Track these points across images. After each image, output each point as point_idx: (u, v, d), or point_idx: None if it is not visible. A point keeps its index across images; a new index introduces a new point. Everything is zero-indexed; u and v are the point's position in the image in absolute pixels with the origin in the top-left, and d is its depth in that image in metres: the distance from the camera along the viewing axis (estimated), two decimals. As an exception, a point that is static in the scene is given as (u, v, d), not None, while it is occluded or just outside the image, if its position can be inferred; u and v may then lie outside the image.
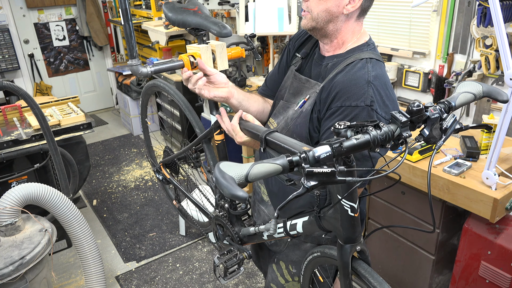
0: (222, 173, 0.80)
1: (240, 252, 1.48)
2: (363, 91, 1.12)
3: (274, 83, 1.51)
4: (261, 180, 1.33)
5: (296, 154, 0.83)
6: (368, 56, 1.20)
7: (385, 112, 1.13)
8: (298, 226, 1.23)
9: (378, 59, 1.22)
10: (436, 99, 2.35)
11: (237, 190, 0.77)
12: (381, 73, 1.19)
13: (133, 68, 1.42)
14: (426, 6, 2.29)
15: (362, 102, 1.11)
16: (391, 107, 1.15)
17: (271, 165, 0.81)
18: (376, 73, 1.17)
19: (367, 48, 1.25)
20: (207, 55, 1.45)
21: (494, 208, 1.60)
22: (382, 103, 1.13)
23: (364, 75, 1.15)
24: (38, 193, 1.81)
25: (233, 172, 0.81)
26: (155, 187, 3.69)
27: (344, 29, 1.24)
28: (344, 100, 1.14)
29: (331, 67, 1.24)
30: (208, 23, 1.43)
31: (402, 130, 0.88)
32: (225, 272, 1.40)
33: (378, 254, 2.31)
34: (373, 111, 1.11)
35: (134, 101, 4.79)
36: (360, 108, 1.11)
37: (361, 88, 1.13)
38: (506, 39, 1.44)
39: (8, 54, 4.69)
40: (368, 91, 1.13)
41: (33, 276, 1.69)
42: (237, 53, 1.68)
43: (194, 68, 1.44)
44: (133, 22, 2.28)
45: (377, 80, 1.15)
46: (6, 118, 2.72)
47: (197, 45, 1.47)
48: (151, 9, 4.33)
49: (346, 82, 1.16)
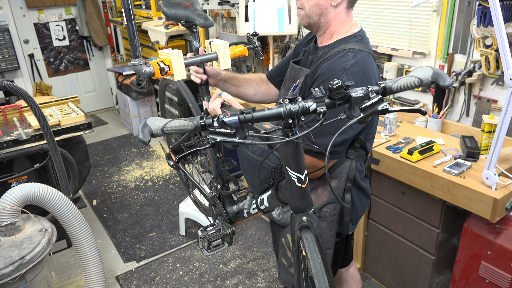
0: (144, 125, 0.95)
1: (224, 228, 1.53)
2: (337, 77, 1.22)
3: (278, 69, 1.68)
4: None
5: (209, 118, 0.96)
6: (352, 47, 1.29)
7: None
8: (265, 200, 1.34)
9: (362, 49, 1.29)
10: (436, 99, 2.35)
11: (143, 136, 0.94)
12: (362, 61, 1.26)
13: (136, 68, 1.42)
14: (426, 6, 2.29)
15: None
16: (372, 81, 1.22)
17: (186, 122, 0.94)
18: (356, 61, 1.25)
19: (354, 39, 1.33)
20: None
21: (494, 208, 1.60)
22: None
23: (342, 63, 1.25)
24: (38, 193, 1.81)
25: (153, 125, 0.94)
26: (155, 187, 3.69)
27: (334, 20, 1.35)
28: (319, 84, 1.26)
29: (320, 57, 1.34)
30: (194, 15, 1.54)
31: (318, 105, 0.95)
32: (209, 245, 1.46)
33: (378, 254, 2.31)
34: None
35: (134, 101, 4.79)
36: None
37: (336, 74, 1.23)
38: (506, 39, 1.44)
39: (8, 54, 4.69)
40: (342, 78, 1.22)
41: (33, 276, 1.69)
42: (240, 51, 1.69)
43: (165, 74, 1.47)
44: (133, 22, 2.31)
45: (354, 68, 1.24)
46: (6, 118, 2.72)
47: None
48: (151, 9, 4.33)
49: (325, 68, 1.27)
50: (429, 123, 2.27)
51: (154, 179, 3.83)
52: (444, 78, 0.99)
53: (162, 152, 4.44)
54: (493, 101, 2.13)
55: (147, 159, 4.26)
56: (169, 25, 3.80)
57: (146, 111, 4.92)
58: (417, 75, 0.99)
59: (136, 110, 4.85)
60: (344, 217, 1.44)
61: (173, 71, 1.51)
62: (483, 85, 2.16)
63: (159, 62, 1.47)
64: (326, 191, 1.43)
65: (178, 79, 1.53)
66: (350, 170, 1.39)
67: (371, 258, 2.38)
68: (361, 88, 0.96)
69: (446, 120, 2.27)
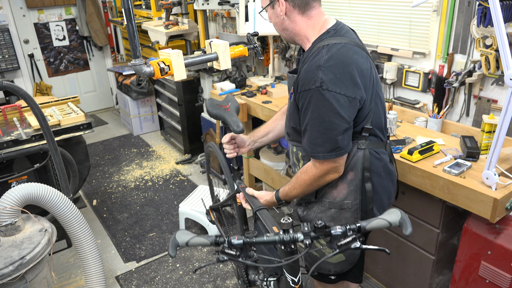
0: (173, 238, 1.17)
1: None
2: (313, 75, 1.29)
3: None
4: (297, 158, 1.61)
5: (222, 237, 1.18)
6: (327, 43, 1.34)
7: (340, 87, 1.28)
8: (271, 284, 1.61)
9: (338, 42, 1.34)
10: (436, 99, 2.35)
11: (170, 250, 1.16)
12: (338, 53, 1.30)
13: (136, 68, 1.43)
14: (426, 6, 2.29)
15: (312, 85, 1.29)
16: (349, 82, 1.29)
17: (204, 240, 1.17)
18: (330, 55, 1.30)
19: (327, 35, 1.38)
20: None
21: (494, 208, 1.60)
22: (336, 81, 1.28)
23: (317, 61, 1.30)
24: (38, 193, 1.81)
25: (180, 239, 1.16)
26: (155, 187, 3.69)
27: (298, 28, 1.43)
28: (301, 86, 1.34)
29: (304, 61, 1.41)
30: (229, 120, 1.78)
31: (305, 238, 1.17)
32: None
33: (378, 254, 2.31)
34: (324, 90, 1.28)
35: (134, 101, 4.79)
36: (312, 90, 1.30)
37: (312, 73, 1.30)
38: (506, 39, 1.44)
39: (8, 54, 4.69)
40: (318, 75, 1.28)
41: (33, 276, 1.69)
42: (240, 51, 1.69)
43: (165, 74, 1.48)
44: (133, 22, 2.32)
45: (329, 62, 1.29)
46: (6, 118, 2.72)
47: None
48: (151, 9, 4.33)
49: (303, 71, 1.34)
50: (429, 123, 2.27)
51: (154, 179, 3.83)
52: (407, 227, 1.14)
53: (162, 152, 4.44)
54: (493, 101, 2.13)
55: (147, 159, 4.26)
56: (169, 25, 3.80)
57: (146, 111, 4.92)
58: (388, 218, 1.19)
59: (136, 110, 4.85)
60: (367, 206, 1.48)
61: (173, 71, 1.51)
62: (483, 85, 2.16)
63: (159, 62, 1.47)
64: (345, 184, 1.47)
65: (178, 79, 1.53)
66: (364, 160, 1.42)
67: (371, 258, 2.38)
68: (340, 227, 1.15)
69: (446, 120, 2.27)
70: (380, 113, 1.46)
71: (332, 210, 1.50)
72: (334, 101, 1.28)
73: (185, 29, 3.77)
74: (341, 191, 1.48)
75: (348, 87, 1.28)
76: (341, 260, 1.56)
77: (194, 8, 3.59)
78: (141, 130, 4.98)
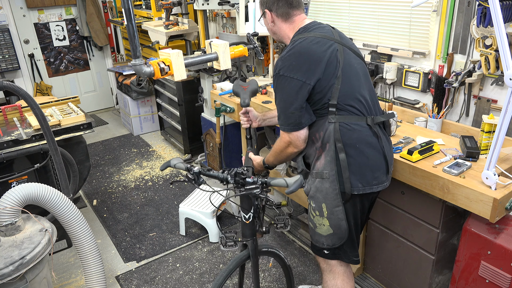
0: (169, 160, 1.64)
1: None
2: (277, 64, 1.66)
3: None
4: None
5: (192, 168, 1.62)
6: (293, 40, 1.68)
7: (295, 72, 1.60)
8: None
9: (303, 37, 1.66)
10: (436, 99, 2.35)
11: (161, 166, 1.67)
12: (298, 46, 1.63)
13: (136, 68, 1.43)
14: (426, 6, 2.30)
15: (275, 72, 1.66)
16: (302, 68, 1.60)
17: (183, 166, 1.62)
18: (291, 47, 1.64)
19: (297, 33, 1.71)
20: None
21: (494, 208, 1.60)
22: (290, 68, 1.61)
23: (282, 55, 1.66)
24: (38, 193, 1.81)
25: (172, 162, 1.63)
26: (155, 187, 3.69)
27: (283, 32, 1.79)
28: (273, 77, 1.69)
29: None
30: (241, 96, 2.08)
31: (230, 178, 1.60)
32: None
33: (378, 254, 2.31)
34: (281, 76, 1.63)
35: (134, 101, 4.79)
36: (275, 76, 1.66)
37: (277, 63, 1.67)
38: (506, 39, 1.44)
39: (8, 54, 4.69)
40: (278, 63, 1.65)
41: (33, 276, 1.69)
42: (240, 51, 1.70)
43: (165, 74, 1.49)
44: (133, 22, 2.32)
45: (289, 53, 1.63)
46: (6, 118, 2.72)
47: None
48: (151, 9, 4.33)
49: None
50: (429, 123, 2.27)
51: (154, 179, 3.83)
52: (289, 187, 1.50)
53: (162, 152, 4.44)
54: (493, 101, 2.13)
55: (147, 159, 4.27)
56: (169, 25, 3.80)
57: (146, 111, 4.92)
58: (287, 180, 1.52)
59: (136, 110, 4.85)
60: (342, 175, 1.64)
61: (173, 71, 1.52)
62: (483, 85, 2.16)
63: (159, 62, 1.48)
64: (324, 155, 1.67)
65: (178, 79, 1.54)
66: (335, 132, 1.62)
67: (371, 258, 2.38)
68: (253, 178, 1.58)
69: (446, 120, 2.27)
70: (351, 91, 1.65)
71: (316, 180, 1.70)
72: (288, 84, 1.61)
73: (185, 29, 3.77)
74: (321, 161, 1.68)
75: (300, 72, 1.59)
76: (330, 233, 1.73)
77: (194, 8, 3.59)
78: (141, 130, 4.98)
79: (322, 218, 1.72)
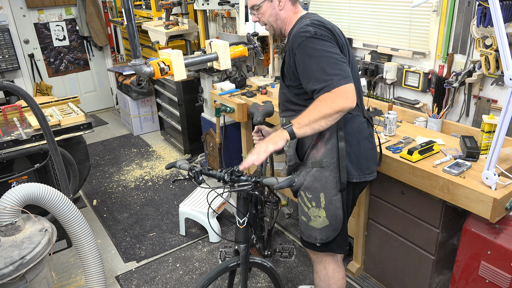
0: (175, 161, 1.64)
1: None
2: (304, 31, 1.54)
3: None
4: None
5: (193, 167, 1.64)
6: (304, 18, 1.64)
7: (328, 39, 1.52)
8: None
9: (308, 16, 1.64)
10: (436, 99, 2.35)
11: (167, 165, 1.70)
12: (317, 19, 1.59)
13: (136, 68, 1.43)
14: (426, 6, 2.30)
15: (307, 36, 1.52)
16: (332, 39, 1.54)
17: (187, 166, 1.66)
18: (311, 19, 1.58)
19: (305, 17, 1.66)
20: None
21: (494, 208, 1.60)
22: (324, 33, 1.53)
23: (302, 24, 1.58)
24: (38, 193, 1.81)
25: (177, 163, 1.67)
26: (155, 187, 3.69)
27: (287, 17, 1.71)
28: (296, 45, 1.56)
29: (288, 37, 1.69)
30: (254, 115, 2.14)
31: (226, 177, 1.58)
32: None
33: (378, 254, 2.31)
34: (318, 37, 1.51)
35: (134, 101, 4.79)
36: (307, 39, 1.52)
37: (302, 31, 1.54)
38: (506, 39, 1.44)
39: (8, 54, 4.69)
40: (309, 29, 1.53)
41: (33, 276, 1.69)
42: (240, 51, 1.70)
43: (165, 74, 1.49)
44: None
45: (314, 22, 1.56)
46: (6, 118, 2.72)
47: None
48: (151, 9, 4.33)
49: (292, 37, 1.60)
50: (429, 123, 2.27)
51: (154, 179, 3.83)
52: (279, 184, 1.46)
53: (162, 152, 4.44)
54: (493, 101, 2.13)
55: (147, 159, 4.27)
56: (169, 25, 3.80)
57: (146, 111, 4.92)
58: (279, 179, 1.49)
59: (136, 110, 4.85)
60: (340, 164, 1.65)
61: (173, 71, 1.52)
62: (483, 85, 2.16)
63: (159, 62, 1.48)
64: (323, 143, 1.66)
65: (178, 79, 1.54)
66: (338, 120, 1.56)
67: (371, 258, 2.38)
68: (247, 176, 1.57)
69: (446, 120, 2.27)
70: (357, 78, 1.65)
71: (314, 169, 1.69)
72: (320, 42, 1.51)
73: (185, 29, 3.77)
74: (320, 149, 1.67)
75: (327, 34, 1.53)
76: (325, 225, 1.72)
77: (194, 8, 3.59)
78: (141, 130, 4.98)
79: (319, 209, 1.72)
